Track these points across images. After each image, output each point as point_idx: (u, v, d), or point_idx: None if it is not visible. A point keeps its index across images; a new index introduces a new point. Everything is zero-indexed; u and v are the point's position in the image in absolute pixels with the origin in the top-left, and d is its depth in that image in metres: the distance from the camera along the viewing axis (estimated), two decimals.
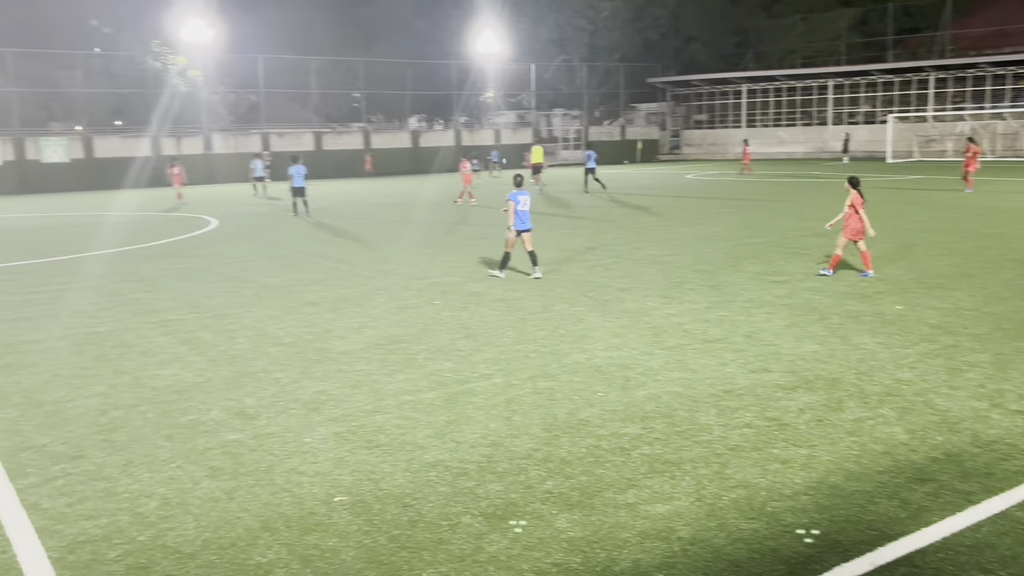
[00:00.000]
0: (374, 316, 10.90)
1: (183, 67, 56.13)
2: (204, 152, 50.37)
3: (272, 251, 17.76)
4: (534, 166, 35.48)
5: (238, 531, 5.05)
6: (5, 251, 19.21)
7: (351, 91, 65.39)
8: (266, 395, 7.68)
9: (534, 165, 35.51)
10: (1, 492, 5.66)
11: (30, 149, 46.09)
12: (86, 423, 7.03)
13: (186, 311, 11.61)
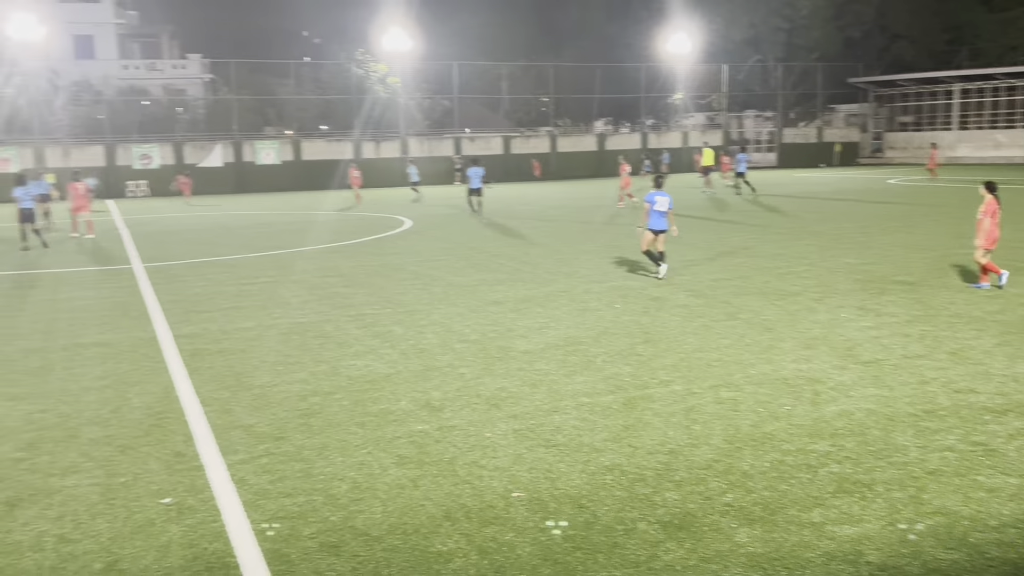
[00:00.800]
0: (555, 317, 11.02)
1: (384, 74, 59.05)
2: (401, 156, 52.69)
3: (460, 251, 18.34)
4: (704, 168, 35.35)
5: (421, 518, 5.26)
6: (224, 246, 20.95)
7: (540, 95, 66.40)
8: (451, 389, 7.95)
9: (704, 168, 35.40)
10: (214, 466, 6.18)
11: (247, 152, 50.03)
12: (288, 407, 7.55)
13: (380, 306, 12.21)
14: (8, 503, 5.61)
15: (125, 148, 48.54)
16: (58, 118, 52.85)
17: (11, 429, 7.11)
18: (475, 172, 28.18)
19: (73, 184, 24.63)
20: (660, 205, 13.42)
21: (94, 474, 6.08)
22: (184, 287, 14.32)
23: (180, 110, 60.52)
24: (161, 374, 8.76)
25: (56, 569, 4.74)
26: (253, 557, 4.82)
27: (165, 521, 5.29)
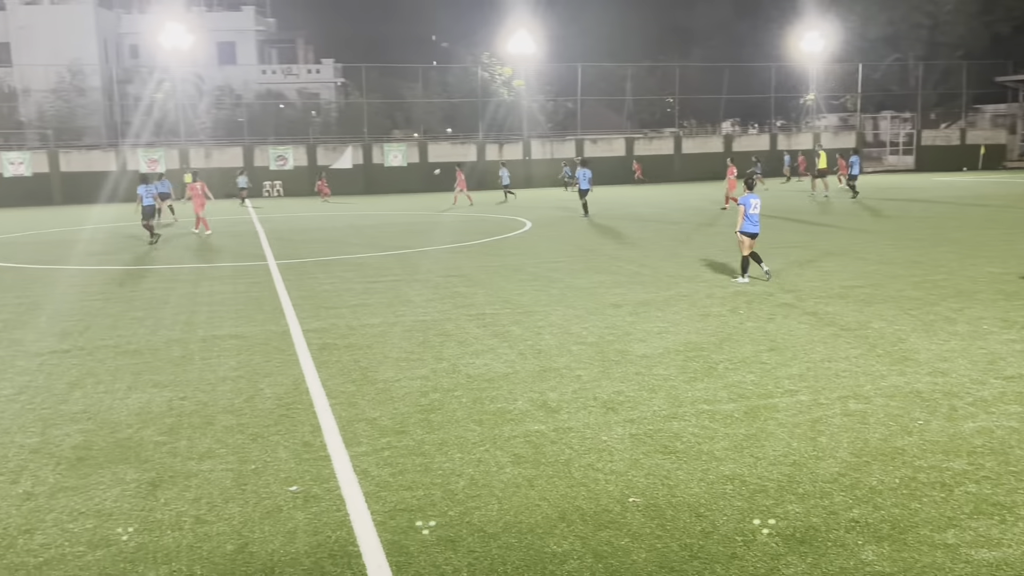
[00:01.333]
0: (675, 322, 10.87)
1: (508, 77, 59.66)
2: (523, 158, 53.11)
3: (579, 253, 18.33)
4: (819, 172, 34.90)
5: (536, 518, 5.29)
6: (352, 244, 21.65)
7: (665, 96, 65.59)
8: (567, 391, 7.95)
9: (819, 171, 34.95)
10: (339, 457, 6.40)
11: (376, 154, 51.52)
12: (409, 402, 7.73)
13: (500, 306, 12.34)
14: (151, 483, 5.97)
15: (262, 150, 50.81)
16: (202, 121, 55.87)
17: (155, 414, 7.57)
18: (583, 174, 28.51)
19: (192, 185, 26.44)
20: (755, 208, 13.36)
21: (227, 460, 6.40)
22: (314, 284, 14.88)
23: (314, 113, 62.92)
24: (291, 366, 9.13)
25: (192, 548, 5.01)
26: (373, 547, 4.96)
27: (292, 508, 5.52)
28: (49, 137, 52.56)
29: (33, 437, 7.02)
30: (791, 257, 16.44)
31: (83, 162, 48.62)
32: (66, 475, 6.16)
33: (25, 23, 62.64)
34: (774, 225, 22.84)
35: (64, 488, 5.92)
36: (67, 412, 7.68)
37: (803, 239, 19.50)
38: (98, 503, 5.65)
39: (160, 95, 56.36)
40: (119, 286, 15.29)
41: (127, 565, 4.82)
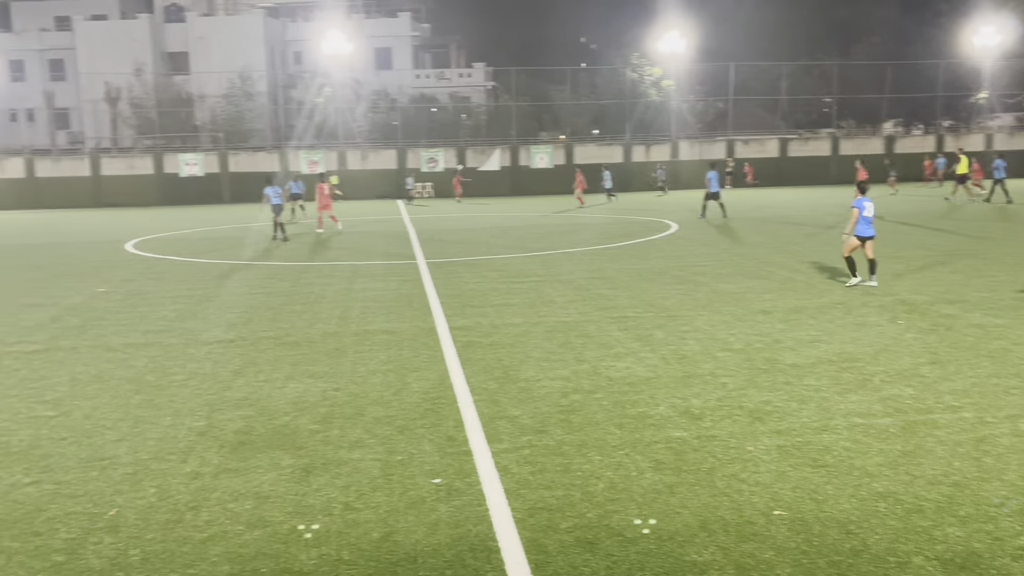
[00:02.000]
0: (828, 331, 10.44)
1: (658, 77, 58.99)
2: (671, 159, 52.34)
3: (727, 257, 17.90)
4: (959, 176, 33.47)
5: (676, 526, 5.21)
6: (497, 245, 21.99)
7: (822, 96, 63.08)
8: (712, 398, 7.79)
9: (959, 176, 33.49)
10: (481, 453, 6.52)
11: (523, 156, 52.10)
12: (550, 402, 7.79)
13: (642, 309, 12.23)
14: (305, 469, 6.28)
15: (414, 152, 52.36)
16: (359, 124, 58.13)
17: (311, 404, 7.95)
18: (713, 176, 28.41)
19: (320, 184, 27.91)
20: (868, 211, 13.41)
21: (376, 450, 6.64)
22: (461, 283, 15.21)
23: (464, 116, 64.28)
24: (437, 362, 9.38)
25: (341, 534, 5.23)
26: (513, 544, 5.03)
27: (435, 500, 5.67)
28: (220, 140, 56.12)
29: (200, 421, 7.52)
30: (957, 265, 15.46)
31: (250, 163, 51.59)
32: (228, 458, 6.57)
33: (202, 33, 67.15)
34: (933, 233, 21.56)
35: (227, 470, 6.31)
36: (231, 398, 8.18)
37: (969, 247, 18.31)
38: (256, 485, 6.00)
39: (320, 99, 59.08)
40: (280, 281, 16.14)
41: (281, 546, 5.09)
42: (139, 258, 21.07)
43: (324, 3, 69.91)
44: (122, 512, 5.60)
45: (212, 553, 5.01)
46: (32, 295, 15.11)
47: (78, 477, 6.23)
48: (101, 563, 4.92)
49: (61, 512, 5.62)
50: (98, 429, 7.34)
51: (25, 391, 8.62)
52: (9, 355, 10.30)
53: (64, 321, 12.48)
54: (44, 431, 7.32)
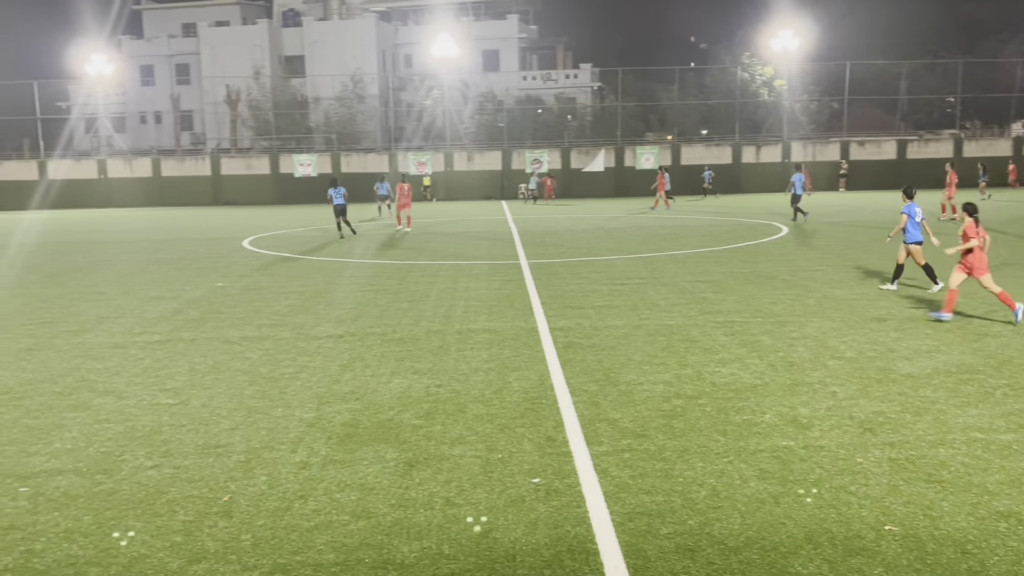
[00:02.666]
0: (947, 340, 9.97)
1: (769, 77, 57.58)
2: (782, 160, 51.02)
3: (840, 261, 17.33)
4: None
5: (781, 537, 5.09)
6: (600, 246, 21.89)
7: (945, 95, 60.30)
8: (820, 407, 7.56)
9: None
10: (580, 454, 6.52)
11: (628, 157, 51.72)
12: (651, 406, 7.71)
13: (749, 314, 11.96)
14: (408, 463, 6.42)
15: (519, 153, 52.66)
16: (465, 126, 58.90)
17: (414, 399, 8.11)
18: (798, 179, 27.90)
19: (400, 185, 29.27)
20: (917, 216, 13.42)
21: (476, 447, 6.72)
22: (562, 284, 15.22)
23: (569, 117, 64.27)
24: (538, 362, 9.42)
25: (442, 528, 5.32)
26: (612, 547, 5.01)
27: (534, 499, 5.70)
28: (333, 141, 57.81)
29: (310, 412, 7.78)
30: None
31: (360, 164, 52.94)
32: (336, 449, 6.77)
33: (317, 37, 69.34)
34: None
35: (333, 461, 6.50)
36: (339, 392, 8.43)
37: None
38: (361, 477, 6.16)
39: (429, 102, 60.14)
40: (387, 279, 16.52)
41: (384, 538, 5.21)
42: (255, 254, 21.92)
43: (434, 6, 71.16)
44: (235, 498, 5.84)
45: (318, 541, 5.18)
46: (157, 288, 15.93)
47: (195, 463, 6.53)
48: (215, 546, 5.15)
49: (180, 495, 5.91)
50: (214, 418, 7.68)
51: (149, 380, 9.09)
52: (135, 345, 10.88)
53: (185, 314, 13.10)
54: (165, 418, 7.70)
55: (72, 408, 8.06)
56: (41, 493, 5.99)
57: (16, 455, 6.78)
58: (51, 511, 5.68)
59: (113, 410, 7.98)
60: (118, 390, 8.68)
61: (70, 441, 7.10)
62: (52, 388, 8.81)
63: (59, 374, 9.42)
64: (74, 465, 6.53)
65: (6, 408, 8.11)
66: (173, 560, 4.97)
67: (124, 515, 5.60)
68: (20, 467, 6.51)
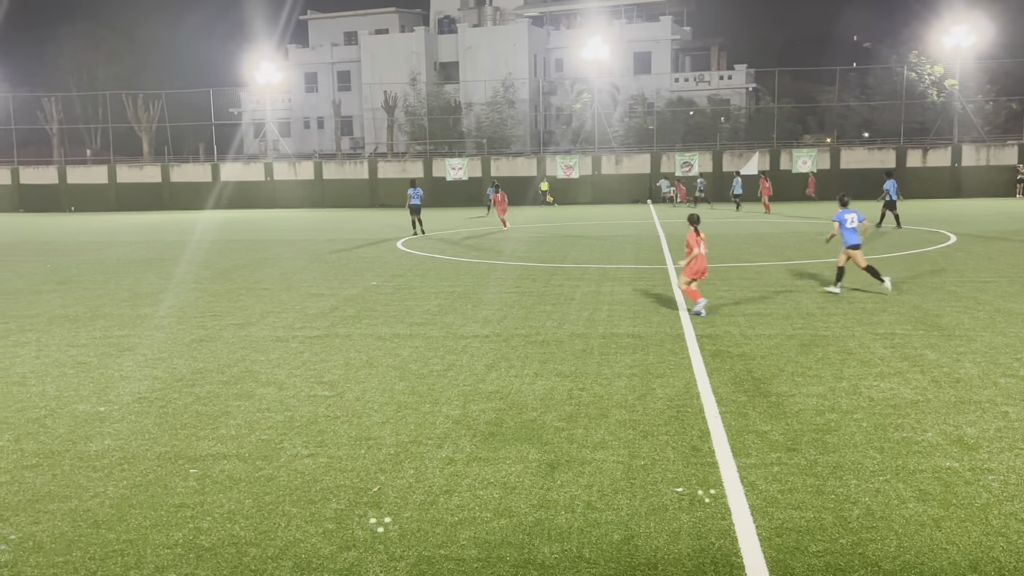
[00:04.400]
0: None
1: (939, 77, 54.31)
2: (952, 164, 48.02)
3: (1015, 273, 16.12)
4: None
5: (942, 562, 4.79)
6: (753, 251, 21.26)
7: None
8: (989, 427, 7.07)
9: None
10: (726, 466, 6.36)
11: (784, 160, 50.04)
12: (803, 419, 7.43)
13: (912, 326, 11.33)
14: (550, 465, 6.45)
15: (669, 156, 51.96)
16: (615, 129, 58.67)
17: (557, 401, 8.16)
18: (891, 185, 27.21)
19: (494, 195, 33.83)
20: (851, 223, 14.20)
21: (619, 452, 6.68)
22: (710, 289, 14.89)
23: (723, 119, 62.85)
24: (684, 370, 9.26)
25: (583, 531, 5.32)
26: (757, 562, 4.87)
27: (677, 509, 5.61)
28: (483, 145, 58.92)
29: (456, 409, 7.96)
30: None
31: (509, 168, 53.73)
32: (480, 447, 6.89)
33: (471, 43, 70.86)
34: None
35: (478, 458, 6.63)
36: (484, 391, 8.58)
37: None
38: (504, 476, 6.25)
39: (579, 105, 60.27)
40: (532, 281, 16.67)
41: (525, 537, 5.26)
42: (407, 255, 22.64)
43: (586, 10, 71.26)
44: (384, 489, 6.05)
45: (462, 536, 5.29)
46: (316, 285, 16.72)
47: (348, 454, 6.81)
48: (364, 535, 5.35)
49: (332, 484, 6.18)
50: (366, 411, 7.99)
51: (307, 372, 9.56)
52: (296, 339, 11.47)
53: (341, 311, 13.70)
54: (321, 409, 8.08)
55: (237, 397, 8.58)
56: (208, 475, 6.41)
57: (187, 438, 7.29)
58: (216, 493, 6.07)
59: (274, 400, 8.44)
60: (279, 381, 9.18)
61: (234, 428, 7.56)
62: (220, 377, 9.41)
63: (226, 364, 10.05)
64: (237, 451, 6.95)
65: (179, 394, 8.73)
66: (325, 546, 5.21)
67: (281, 500, 5.91)
68: (191, 450, 7.00)
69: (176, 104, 63.98)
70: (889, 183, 27.28)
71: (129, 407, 8.28)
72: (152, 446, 7.10)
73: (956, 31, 49.12)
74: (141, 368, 9.93)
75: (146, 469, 6.56)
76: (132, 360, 10.37)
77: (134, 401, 8.49)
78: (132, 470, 6.55)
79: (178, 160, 62.28)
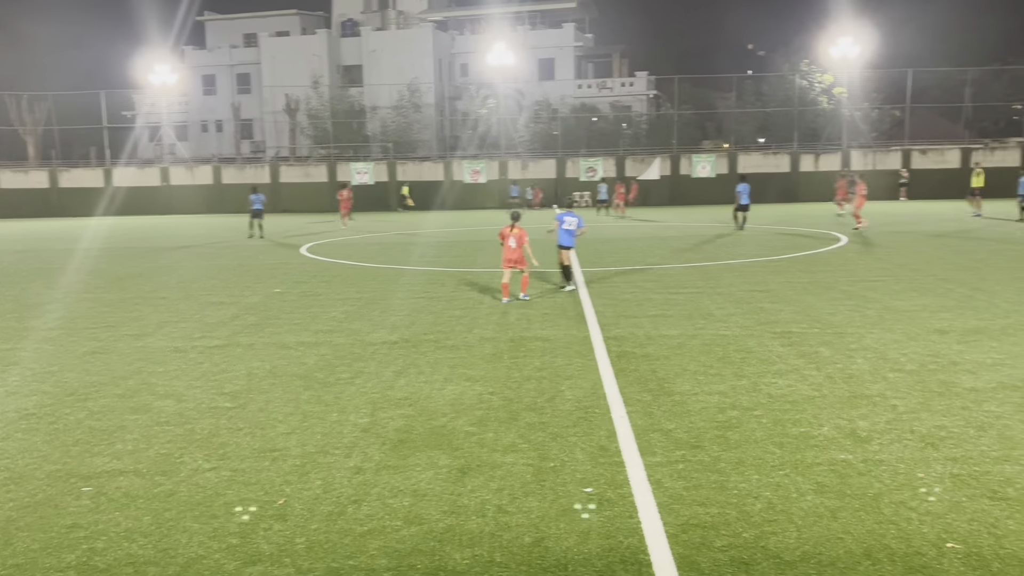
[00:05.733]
0: (1013, 354, 9.68)
1: (829, 84, 56.66)
2: (841, 169, 50.11)
3: (901, 272, 16.94)
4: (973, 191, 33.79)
5: (838, 552, 4.98)
6: (655, 255, 21.73)
7: (1012, 103, 58.67)
8: (880, 420, 7.39)
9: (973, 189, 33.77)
10: (633, 465, 6.47)
11: (683, 165, 51.34)
12: (706, 417, 7.62)
13: (807, 325, 11.76)
14: (460, 470, 6.44)
15: (573, 162, 52.64)
16: (520, 134, 59.08)
17: (467, 406, 8.14)
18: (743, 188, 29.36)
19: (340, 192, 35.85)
20: (568, 224, 15.24)
21: (529, 455, 6.72)
22: (616, 292, 15.15)
23: (624, 126, 64.03)
24: (591, 371, 9.38)
25: (494, 536, 5.32)
26: (665, 559, 4.96)
27: (586, 509, 5.67)
28: (389, 150, 58.45)
29: (364, 417, 7.85)
30: None
31: (416, 172, 53.46)
32: (389, 455, 6.82)
33: (375, 47, 70.25)
34: None
35: (387, 466, 6.56)
36: (392, 397, 8.50)
37: None
38: (414, 483, 6.20)
39: (484, 111, 60.46)
40: (441, 286, 16.62)
41: (436, 544, 5.23)
42: (312, 261, 22.25)
43: (491, 16, 71.57)
44: (290, 501, 5.92)
45: (371, 546, 5.22)
46: (216, 294, 16.26)
47: (252, 466, 6.64)
48: (270, 548, 5.22)
49: (236, 498, 6.01)
50: (271, 422, 7.80)
51: (207, 383, 9.28)
52: (195, 349, 11.12)
53: (243, 319, 13.35)
54: (223, 421, 7.85)
55: (133, 410, 8.27)
56: (103, 493, 6.15)
57: (80, 455, 6.97)
58: (112, 511, 5.83)
59: (173, 413, 8.16)
60: (178, 393, 8.88)
61: (131, 443, 7.27)
62: (114, 391, 9.05)
63: (121, 377, 9.67)
64: (135, 466, 6.69)
65: (71, 409, 8.35)
66: (229, 562, 5.06)
67: (182, 516, 5.72)
68: (84, 467, 6.70)
69: (65, 106, 61.24)
70: (741, 186, 29.46)
71: (15, 424, 7.87)
72: (41, 464, 6.77)
73: (842, 42, 51.33)
74: (28, 383, 9.46)
75: (34, 489, 6.25)
76: (18, 375, 9.87)
77: (20, 418, 8.08)
78: (19, 491, 6.22)
79: (67, 164, 59.61)
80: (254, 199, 32.09)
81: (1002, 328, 11.16)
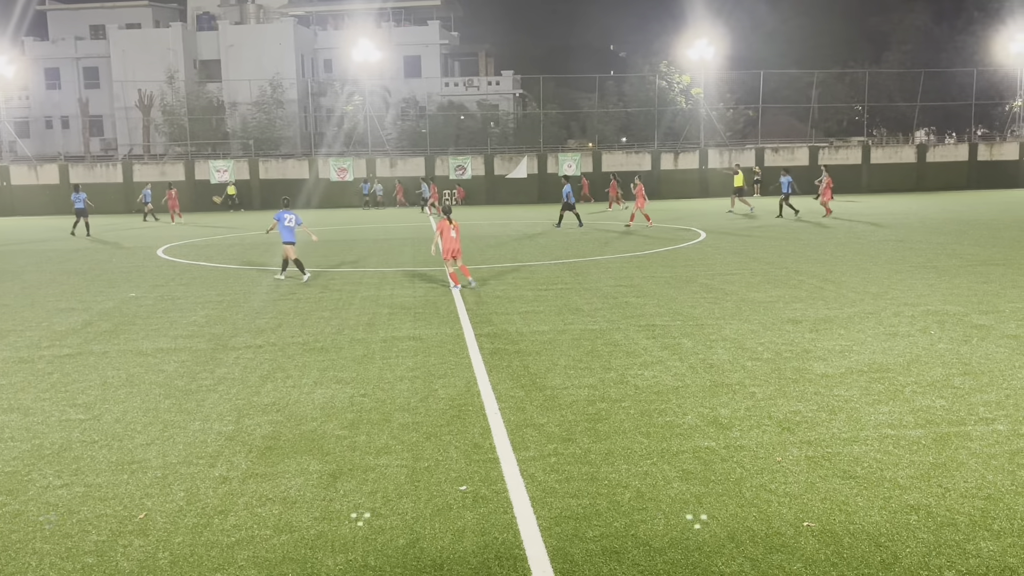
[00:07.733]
0: (859, 341, 10.32)
1: (687, 85, 58.81)
2: (699, 167, 52.16)
3: (756, 266, 17.77)
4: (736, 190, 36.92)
5: (704, 536, 5.17)
6: (524, 252, 21.97)
7: (854, 104, 62.60)
8: (740, 408, 7.73)
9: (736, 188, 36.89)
10: (507, 460, 6.51)
11: (551, 163, 52.13)
12: (577, 411, 7.76)
13: (670, 318, 12.16)
14: (332, 475, 6.31)
15: (443, 159, 52.56)
16: (388, 132, 58.48)
17: (338, 409, 7.99)
18: (568, 189, 30.25)
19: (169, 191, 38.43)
20: (289, 222, 17.05)
21: (402, 456, 6.65)
22: (488, 289, 15.23)
23: (492, 124, 64.44)
24: (464, 369, 9.39)
25: (368, 540, 5.24)
26: (539, 552, 5.02)
27: (461, 507, 5.66)
28: (250, 147, 56.68)
29: (229, 425, 7.58)
30: (991, 275, 15.23)
31: (279, 170, 52.06)
32: (256, 462, 6.61)
33: (233, 41, 67.92)
34: (966, 243, 21.27)
35: (255, 475, 6.35)
36: (259, 403, 8.24)
37: (1002, 256, 18.04)
38: (284, 491, 6.03)
39: (350, 107, 59.51)
40: (309, 288, 16.25)
41: (308, 551, 5.10)
42: (169, 263, 21.32)
43: (354, 12, 70.51)
44: (151, 515, 5.65)
45: (240, 557, 5.04)
46: (66, 299, 15.34)
47: (108, 480, 6.30)
48: (130, 565, 4.97)
49: (91, 515, 5.68)
50: (128, 433, 7.42)
51: (57, 395, 8.74)
52: (42, 359, 10.45)
53: (96, 326, 12.65)
54: (75, 434, 7.41)
55: None
56: None
57: None
58: None
59: (19, 427, 7.64)
60: (24, 406, 8.32)
61: None
62: None
63: None
64: None
65: None
66: None
67: (31, 537, 5.36)
68: None
69: None
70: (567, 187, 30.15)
71: None
72: None
73: (699, 44, 53.42)
74: None
75: None
76: None
77: None
78: None
79: None
80: (75, 198, 32.08)
81: (849, 316, 11.88)
